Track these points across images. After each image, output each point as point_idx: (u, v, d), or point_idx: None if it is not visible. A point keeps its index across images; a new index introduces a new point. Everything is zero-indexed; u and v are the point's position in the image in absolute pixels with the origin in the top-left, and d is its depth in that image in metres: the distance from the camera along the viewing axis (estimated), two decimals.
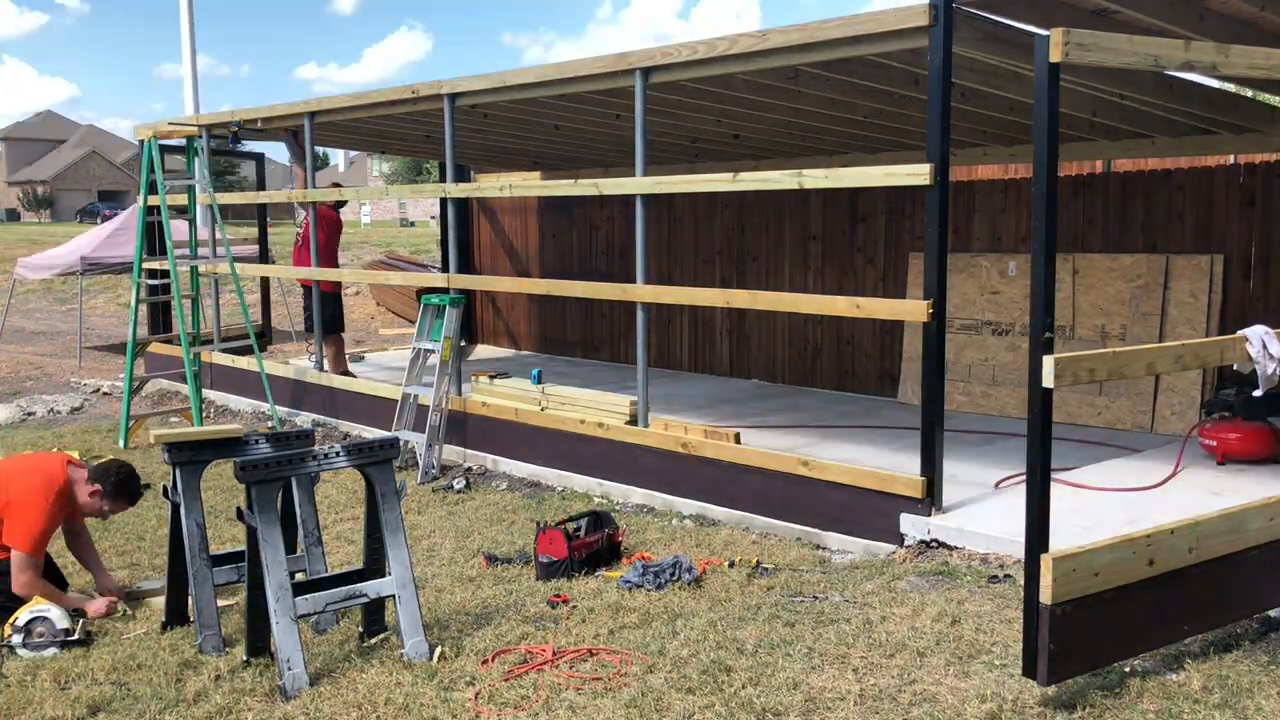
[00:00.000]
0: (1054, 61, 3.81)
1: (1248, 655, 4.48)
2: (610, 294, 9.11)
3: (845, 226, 11.04)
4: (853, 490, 6.69)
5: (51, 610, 5.40)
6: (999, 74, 7.06)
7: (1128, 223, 9.19)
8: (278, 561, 4.71)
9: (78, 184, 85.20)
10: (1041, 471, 3.90)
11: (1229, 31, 6.34)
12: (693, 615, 5.32)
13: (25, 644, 5.28)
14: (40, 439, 10.92)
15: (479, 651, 4.93)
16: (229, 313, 17.69)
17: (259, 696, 4.59)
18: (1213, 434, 7.39)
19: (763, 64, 6.96)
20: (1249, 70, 4.44)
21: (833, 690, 4.32)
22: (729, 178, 7.43)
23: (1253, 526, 4.45)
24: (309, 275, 11.37)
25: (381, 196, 11.85)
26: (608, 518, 6.60)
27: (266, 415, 11.65)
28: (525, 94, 8.58)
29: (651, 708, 4.25)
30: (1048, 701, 4.09)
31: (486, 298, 15.23)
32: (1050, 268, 3.87)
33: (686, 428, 7.92)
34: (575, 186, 8.89)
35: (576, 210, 13.92)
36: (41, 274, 18.03)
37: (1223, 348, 4.56)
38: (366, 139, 13.30)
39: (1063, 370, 3.85)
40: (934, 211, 6.06)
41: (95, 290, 23.12)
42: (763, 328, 11.80)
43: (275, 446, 5.44)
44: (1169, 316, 8.80)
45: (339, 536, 7.25)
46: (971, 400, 9.76)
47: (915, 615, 5.06)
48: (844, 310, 7.16)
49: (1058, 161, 3.89)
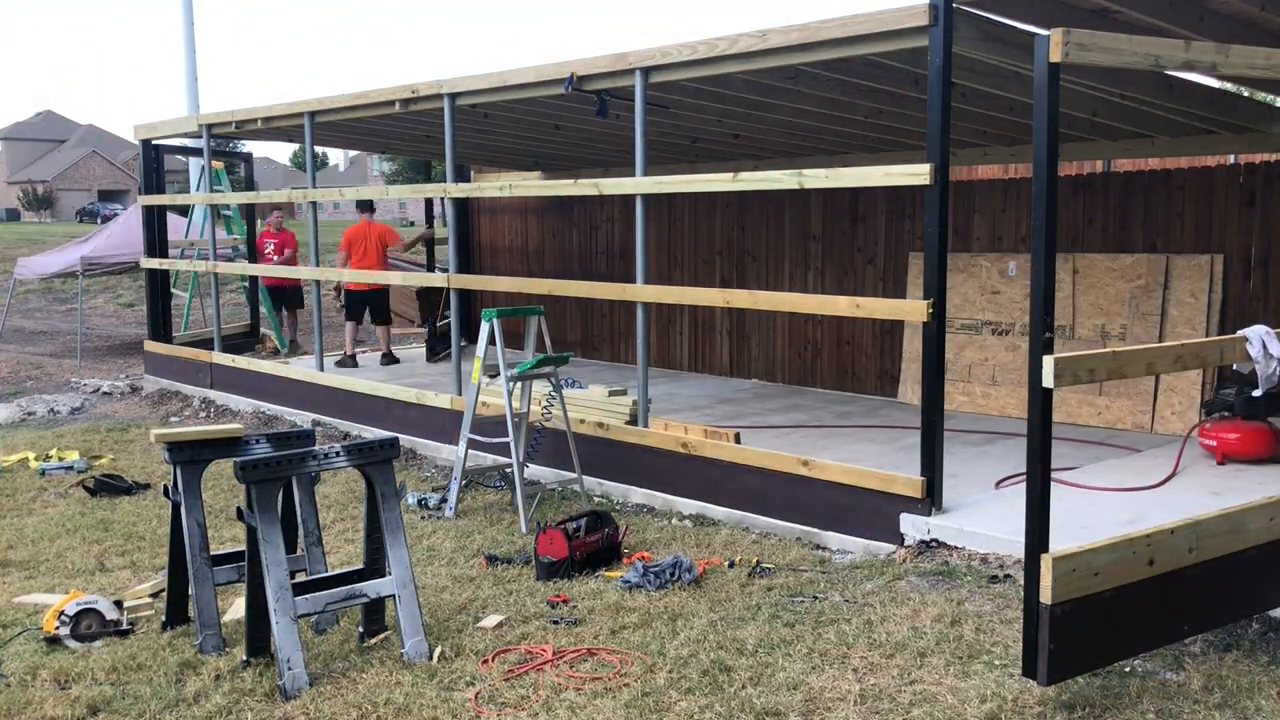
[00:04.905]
0: (1054, 61, 3.81)
1: (1248, 655, 4.48)
2: (610, 294, 9.11)
3: (845, 226, 11.04)
4: (853, 490, 6.69)
5: (99, 602, 5.45)
6: (999, 74, 7.06)
7: (1128, 223, 9.19)
8: (278, 561, 4.71)
9: (78, 184, 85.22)
10: (1041, 471, 3.91)
11: (1229, 31, 6.34)
12: (693, 615, 5.32)
13: (74, 634, 5.32)
14: (40, 439, 10.92)
15: (479, 651, 4.93)
16: (229, 312, 17.71)
17: (259, 696, 4.59)
18: (1213, 434, 7.38)
19: (763, 64, 6.96)
20: (1249, 70, 4.44)
21: (833, 690, 4.32)
22: (729, 178, 7.43)
23: (1253, 526, 4.45)
24: (309, 275, 11.38)
25: (382, 196, 11.85)
26: (608, 518, 6.60)
27: (267, 415, 11.65)
28: (525, 94, 8.58)
29: (651, 708, 4.25)
30: (1048, 701, 4.09)
31: (486, 298, 15.23)
32: (1050, 268, 3.87)
33: (686, 428, 7.91)
34: (575, 186, 8.89)
35: (576, 210, 13.92)
36: (41, 274, 18.04)
37: (1223, 348, 4.57)
38: (367, 139, 13.30)
39: (1063, 370, 3.86)
40: (934, 211, 6.06)
41: (95, 290, 23.12)
42: (763, 328, 11.80)
43: (275, 446, 5.44)
44: (1169, 316, 8.80)
45: (339, 536, 7.25)
46: (971, 400, 9.76)
47: (915, 615, 5.07)
48: (844, 310, 7.16)
49: (1058, 161, 3.89)
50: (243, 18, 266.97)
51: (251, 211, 15.18)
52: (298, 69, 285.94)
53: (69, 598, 5.50)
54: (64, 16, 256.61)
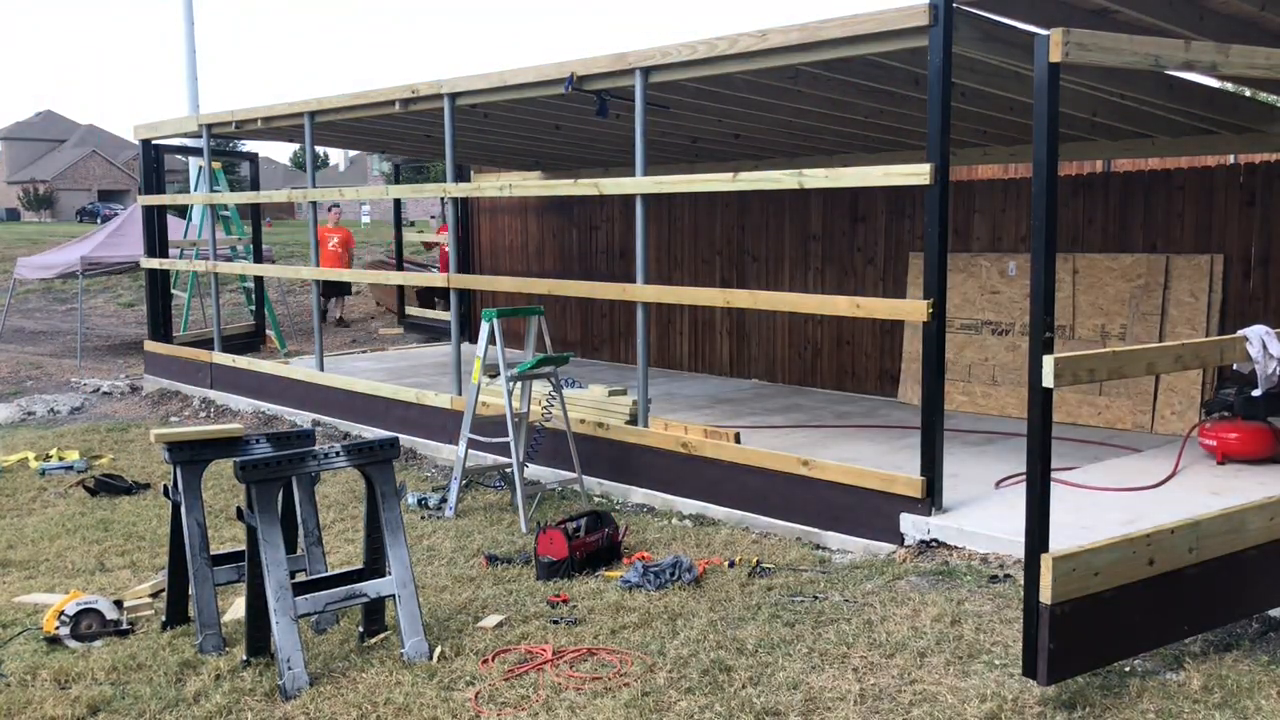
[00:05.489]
0: (1054, 61, 3.82)
1: (1248, 655, 4.48)
2: (610, 294, 9.11)
3: (845, 226, 11.04)
4: (853, 490, 6.69)
5: (99, 602, 5.45)
6: (999, 74, 7.06)
7: (1128, 223, 9.20)
8: (278, 561, 4.71)
9: (78, 183, 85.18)
10: (1041, 471, 3.91)
11: (1229, 31, 6.34)
12: (693, 615, 5.32)
13: (74, 634, 5.32)
14: (40, 439, 10.92)
15: (479, 651, 4.94)
16: (228, 313, 17.71)
17: (259, 696, 4.59)
18: (1213, 434, 7.39)
19: (763, 64, 6.96)
20: (1249, 70, 4.44)
21: (833, 690, 4.32)
22: (729, 178, 7.43)
23: (1253, 526, 4.45)
24: (310, 275, 11.37)
25: (382, 196, 11.86)
26: (608, 518, 6.60)
27: (267, 415, 11.65)
28: (525, 94, 8.58)
29: (651, 708, 4.26)
30: (1048, 701, 4.09)
31: (486, 298, 15.23)
32: (1050, 268, 3.88)
33: (686, 427, 7.91)
34: (575, 186, 8.89)
35: (576, 210, 13.92)
36: (41, 274, 18.03)
37: (1223, 348, 4.57)
38: (366, 139, 13.30)
39: (1063, 370, 3.86)
40: (934, 211, 6.06)
41: (95, 290, 23.12)
42: (763, 327, 11.80)
43: (275, 446, 5.44)
44: (1169, 316, 8.80)
45: (339, 536, 7.25)
46: (971, 400, 9.77)
47: (915, 615, 5.07)
48: (844, 310, 7.16)
49: (1058, 161, 3.89)
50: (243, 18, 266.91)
51: (256, 211, 15.17)
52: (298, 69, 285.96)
53: (69, 598, 5.51)
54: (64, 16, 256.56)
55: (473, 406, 7.90)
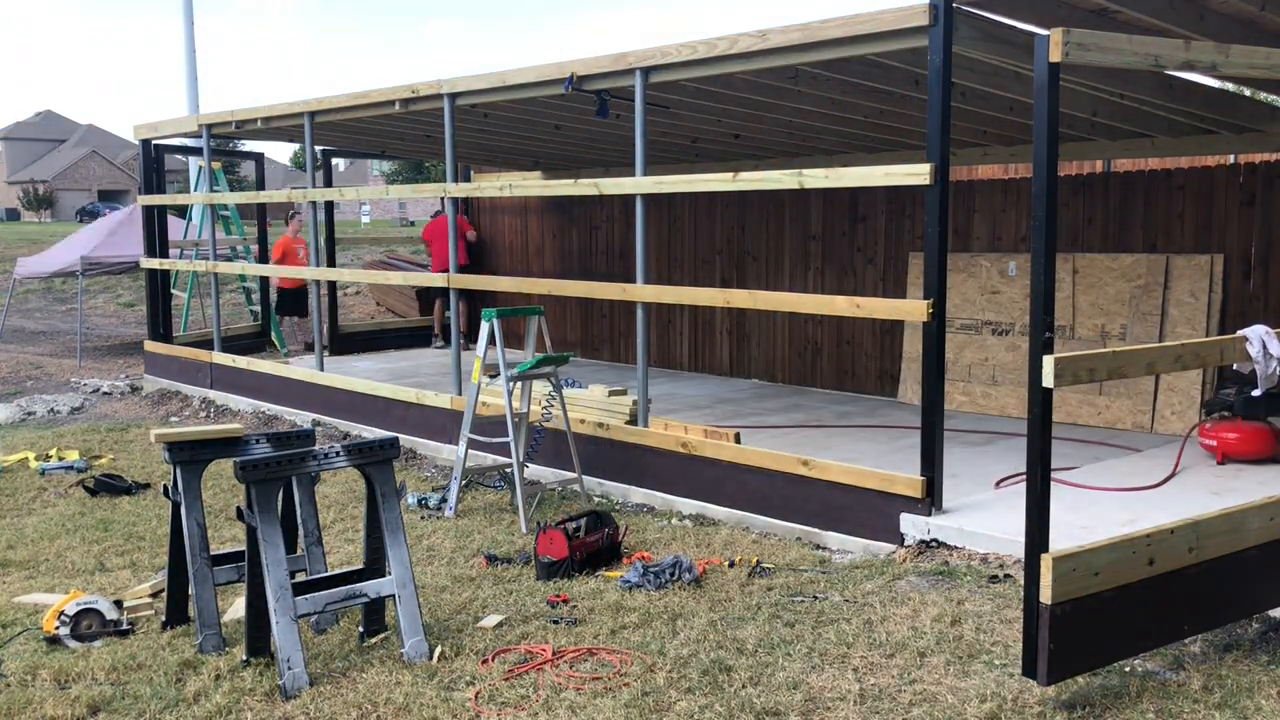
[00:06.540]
0: (1054, 61, 3.82)
1: (1248, 655, 4.48)
2: (610, 294, 9.11)
3: (845, 226, 11.04)
4: (853, 490, 6.69)
5: (99, 602, 5.45)
6: (999, 74, 7.06)
7: (1128, 223, 9.20)
8: (278, 561, 4.71)
9: (78, 183, 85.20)
10: (1041, 471, 3.91)
11: (1229, 31, 6.34)
12: (693, 615, 5.32)
13: (74, 634, 5.32)
14: (40, 439, 10.92)
15: (479, 651, 4.94)
16: (228, 313, 17.71)
17: (259, 696, 4.59)
18: (1213, 434, 7.39)
19: (763, 64, 6.96)
20: (1249, 70, 4.45)
21: (833, 690, 4.32)
22: (729, 178, 7.43)
23: (1253, 526, 4.46)
24: (311, 275, 11.37)
25: (382, 196, 11.85)
26: (608, 518, 6.60)
27: (267, 415, 11.65)
28: (525, 94, 8.58)
29: (651, 708, 4.26)
30: (1048, 701, 4.09)
31: (486, 298, 15.23)
32: (1050, 268, 3.88)
33: (686, 427, 7.91)
34: (575, 186, 8.89)
35: (576, 210, 13.92)
36: (41, 274, 18.04)
37: (1223, 348, 4.57)
38: (367, 139, 13.30)
39: (1063, 370, 3.86)
40: (934, 211, 6.06)
41: (95, 290, 23.12)
42: (763, 328, 11.80)
43: (275, 446, 5.44)
44: (1169, 316, 8.80)
45: (339, 536, 7.25)
46: (971, 400, 9.77)
47: (915, 615, 5.07)
48: (844, 310, 7.16)
49: (1058, 161, 3.90)
50: (243, 18, 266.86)
51: (262, 211, 15.14)
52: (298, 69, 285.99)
53: (69, 598, 5.51)
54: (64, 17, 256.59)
55: (473, 406, 7.90)
